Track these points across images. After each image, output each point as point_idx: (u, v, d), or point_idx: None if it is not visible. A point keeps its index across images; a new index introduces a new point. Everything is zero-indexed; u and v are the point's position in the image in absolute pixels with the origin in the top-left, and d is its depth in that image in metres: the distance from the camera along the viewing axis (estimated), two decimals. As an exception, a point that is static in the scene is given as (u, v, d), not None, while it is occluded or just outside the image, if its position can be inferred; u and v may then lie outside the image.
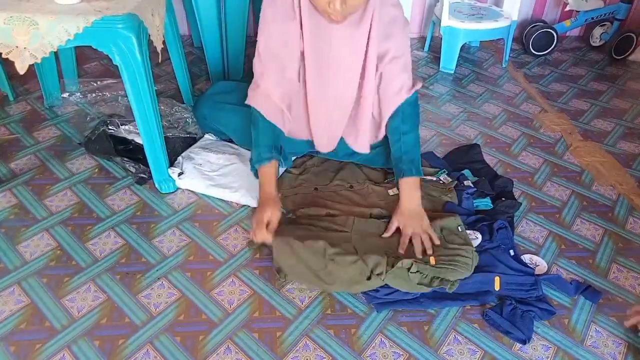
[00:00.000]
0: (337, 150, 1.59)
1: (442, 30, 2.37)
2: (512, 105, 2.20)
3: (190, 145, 1.77)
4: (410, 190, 1.39)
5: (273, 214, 1.33)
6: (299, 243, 1.28)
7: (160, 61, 1.52)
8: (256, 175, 1.45)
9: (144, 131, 1.45)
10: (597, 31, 2.73)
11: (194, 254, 1.39)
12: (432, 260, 1.28)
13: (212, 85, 1.79)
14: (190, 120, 1.84)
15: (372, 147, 1.56)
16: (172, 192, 1.59)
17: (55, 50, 1.24)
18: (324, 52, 1.31)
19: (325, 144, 1.55)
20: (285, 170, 1.67)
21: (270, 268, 1.34)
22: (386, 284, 1.25)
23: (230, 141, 1.75)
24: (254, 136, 1.40)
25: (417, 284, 1.23)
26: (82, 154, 1.74)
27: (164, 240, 1.43)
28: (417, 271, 1.23)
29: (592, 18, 2.63)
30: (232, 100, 1.63)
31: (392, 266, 1.24)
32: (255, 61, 1.38)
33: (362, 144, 1.53)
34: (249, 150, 1.61)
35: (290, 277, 1.30)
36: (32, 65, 1.26)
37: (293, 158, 1.68)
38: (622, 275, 1.38)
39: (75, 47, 2.04)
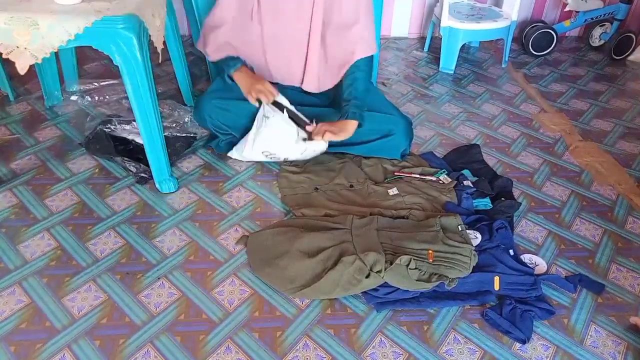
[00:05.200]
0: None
1: (442, 30, 2.38)
2: (512, 106, 2.20)
3: (191, 145, 1.78)
4: (347, 124, 1.57)
5: (265, 83, 1.58)
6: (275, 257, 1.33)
7: (160, 62, 1.52)
8: (231, 79, 1.66)
9: (144, 131, 1.45)
10: (597, 31, 2.74)
11: (194, 253, 1.39)
12: (430, 256, 1.28)
13: (212, 83, 1.81)
14: (190, 120, 1.85)
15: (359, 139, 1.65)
16: (173, 192, 1.59)
17: (55, 50, 1.24)
18: None
19: (287, 79, 1.70)
20: (284, 170, 1.67)
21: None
22: (386, 283, 1.25)
23: (232, 141, 1.76)
24: (221, 64, 1.66)
25: (416, 280, 1.24)
26: (83, 154, 1.74)
27: (164, 240, 1.43)
28: (415, 268, 1.24)
29: (592, 18, 2.64)
30: (234, 96, 1.65)
31: (391, 263, 1.24)
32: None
33: (309, 82, 1.67)
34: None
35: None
36: (33, 65, 1.26)
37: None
38: (621, 275, 1.39)
39: (76, 48, 2.04)
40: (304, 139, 1.59)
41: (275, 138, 1.58)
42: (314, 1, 1.52)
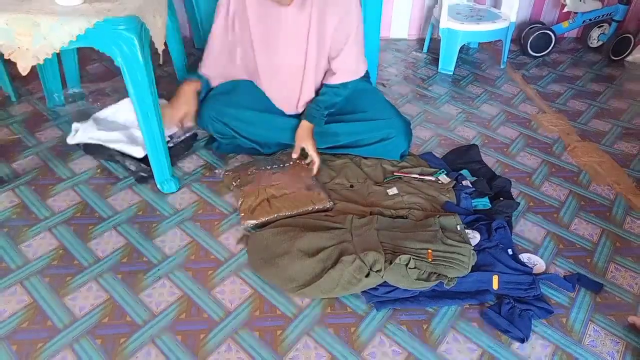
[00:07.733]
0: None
1: (441, 31, 2.39)
2: (511, 106, 2.21)
3: (191, 145, 1.79)
4: (305, 126, 1.63)
5: (189, 107, 1.63)
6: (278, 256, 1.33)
7: (161, 62, 1.52)
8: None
9: (146, 132, 1.46)
10: (595, 32, 2.75)
11: (195, 253, 1.40)
12: (429, 256, 1.29)
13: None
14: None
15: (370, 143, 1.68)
16: (174, 192, 1.60)
17: (57, 51, 1.24)
18: (271, 29, 1.55)
19: (284, 105, 1.71)
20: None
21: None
22: (385, 282, 1.26)
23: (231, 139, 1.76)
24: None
25: (416, 279, 1.24)
26: (84, 155, 1.75)
27: (166, 239, 1.44)
28: (414, 267, 1.25)
29: (590, 19, 2.65)
30: (237, 98, 1.66)
31: (391, 263, 1.25)
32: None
33: (303, 107, 1.70)
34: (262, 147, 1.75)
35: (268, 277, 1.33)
36: (34, 66, 1.27)
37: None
38: (619, 274, 1.40)
39: (78, 48, 2.05)
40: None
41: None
42: (309, 33, 1.53)
